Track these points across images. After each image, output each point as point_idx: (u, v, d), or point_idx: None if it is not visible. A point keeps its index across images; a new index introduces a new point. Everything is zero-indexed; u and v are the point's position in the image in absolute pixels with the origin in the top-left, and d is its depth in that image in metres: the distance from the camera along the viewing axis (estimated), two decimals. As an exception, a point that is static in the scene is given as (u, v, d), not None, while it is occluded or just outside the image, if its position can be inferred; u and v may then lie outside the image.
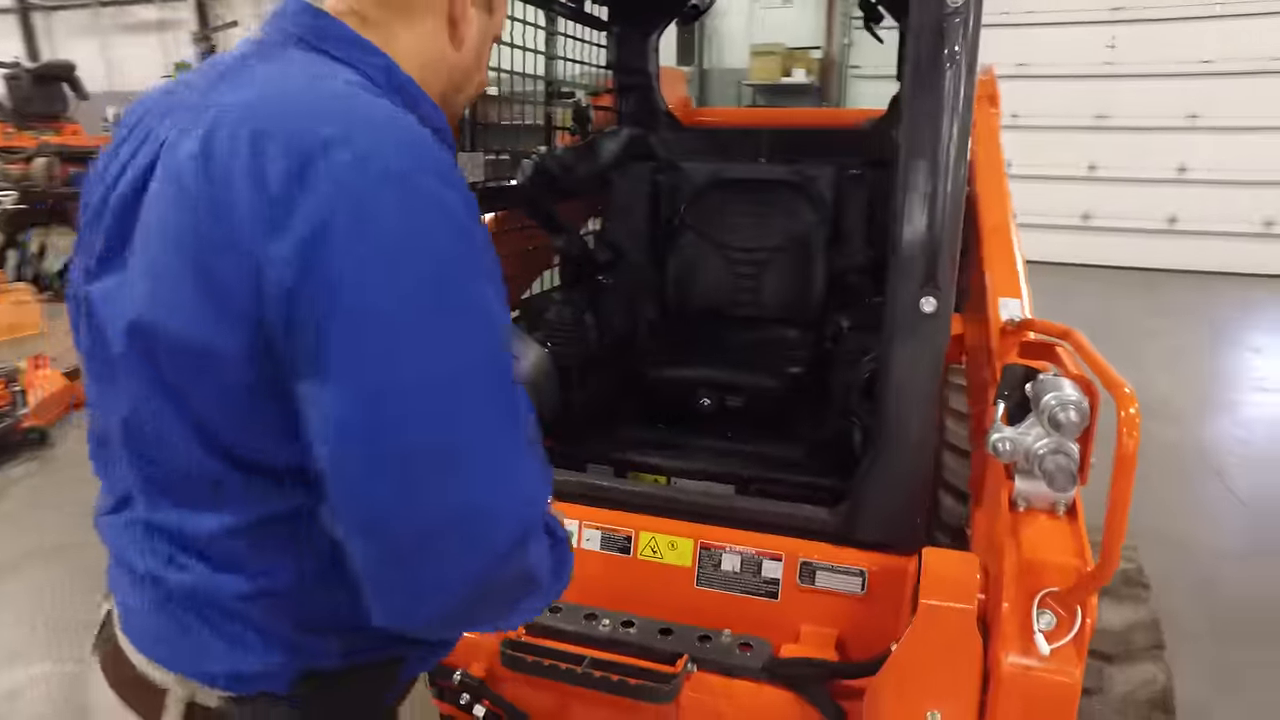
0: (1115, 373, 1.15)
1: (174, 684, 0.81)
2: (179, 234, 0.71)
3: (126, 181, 0.78)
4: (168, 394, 0.74)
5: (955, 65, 1.35)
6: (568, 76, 2.70)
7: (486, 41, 0.96)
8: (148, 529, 0.81)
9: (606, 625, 1.61)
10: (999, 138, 2.50)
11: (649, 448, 2.31)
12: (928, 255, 1.41)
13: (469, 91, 0.98)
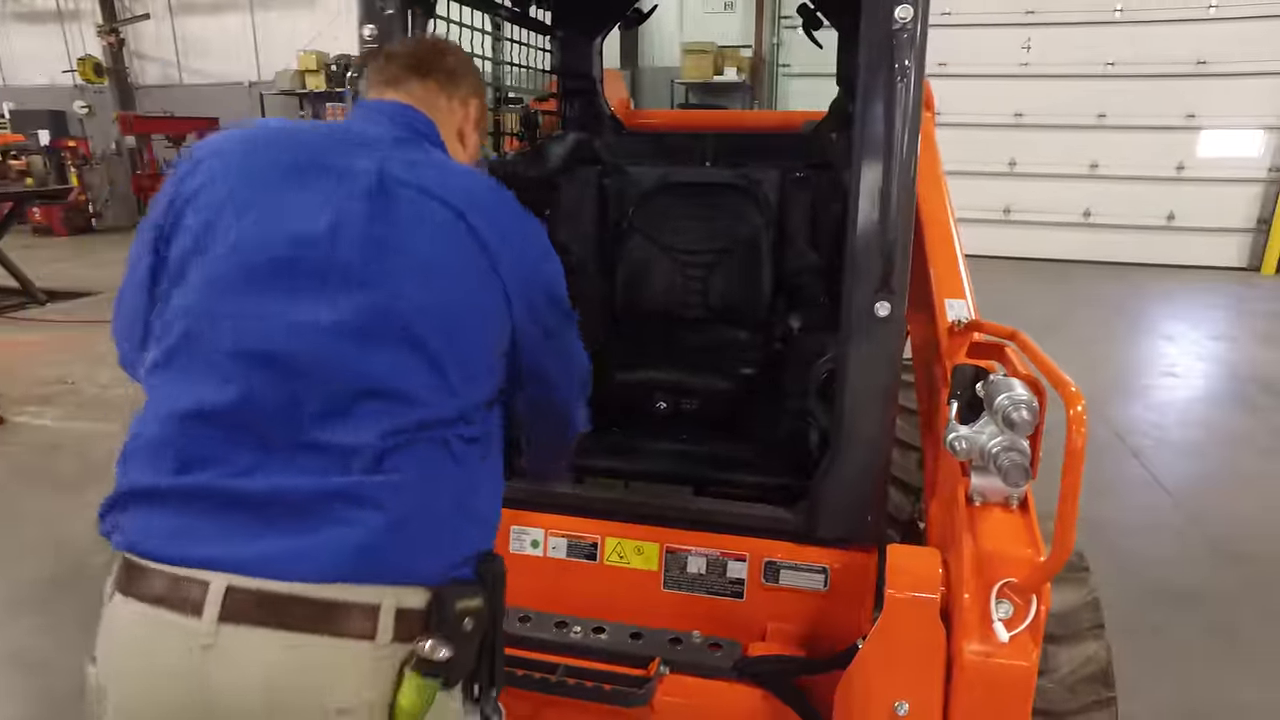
0: (1062, 372, 1.22)
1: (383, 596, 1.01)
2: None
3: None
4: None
5: (905, 79, 1.40)
6: (515, 82, 2.68)
7: (477, 150, 1.41)
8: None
9: (578, 632, 1.62)
10: (935, 139, 2.58)
11: (606, 452, 2.32)
12: (882, 261, 1.46)
13: None
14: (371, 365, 1.05)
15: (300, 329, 1.04)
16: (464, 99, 1.34)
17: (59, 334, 7.79)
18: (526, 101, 2.73)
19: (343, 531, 1.00)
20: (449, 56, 1.36)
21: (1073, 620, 1.66)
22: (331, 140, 1.17)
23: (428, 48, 1.37)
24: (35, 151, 9.51)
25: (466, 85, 1.35)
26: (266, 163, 1.13)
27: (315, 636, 0.98)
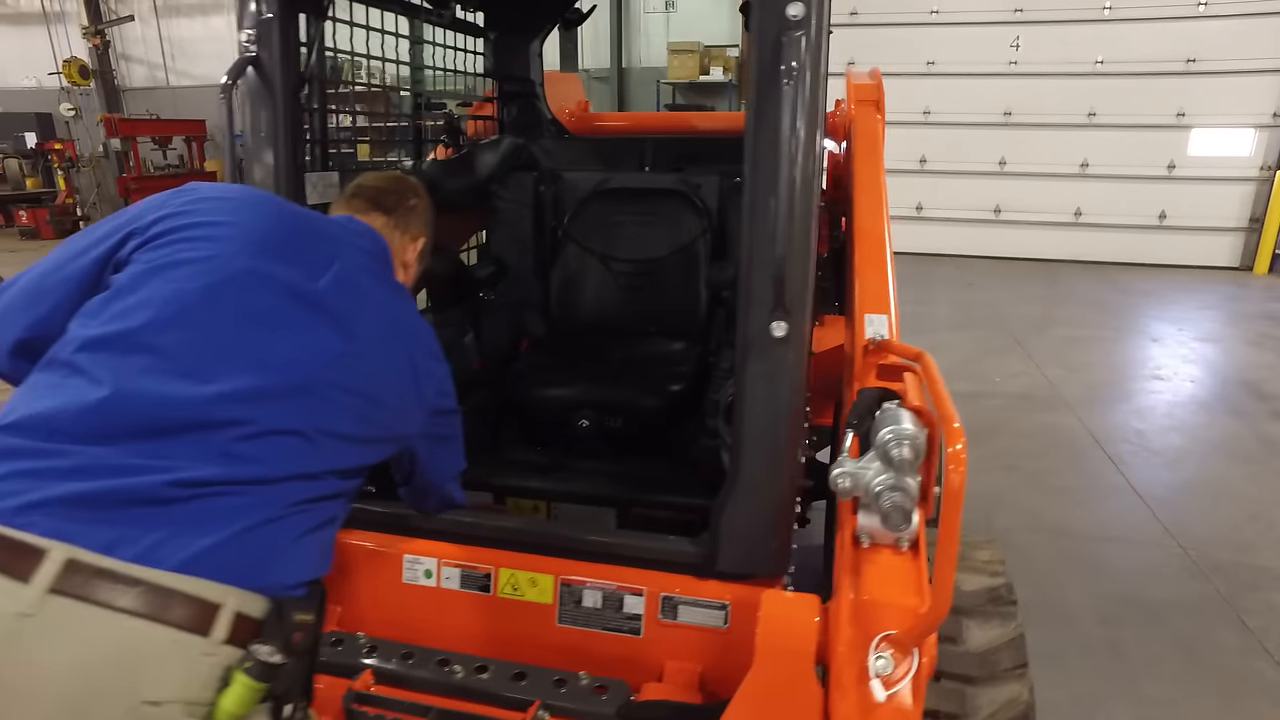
0: (950, 405, 1.11)
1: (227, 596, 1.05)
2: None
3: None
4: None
5: (795, 82, 1.30)
6: (438, 86, 2.57)
7: (414, 277, 1.62)
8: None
9: (459, 671, 1.52)
10: (881, 142, 2.48)
11: (529, 472, 2.23)
12: (776, 280, 1.35)
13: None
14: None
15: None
16: (414, 236, 1.57)
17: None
18: (449, 107, 2.62)
19: (204, 526, 1.05)
20: (411, 198, 1.58)
21: (994, 660, 1.55)
22: (317, 224, 1.39)
23: (394, 188, 1.57)
24: (13, 155, 9.42)
25: (418, 224, 1.58)
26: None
27: (147, 623, 0.99)
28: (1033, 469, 4.60)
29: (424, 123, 2.48)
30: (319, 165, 1.91)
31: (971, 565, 1.77)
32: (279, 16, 1.58)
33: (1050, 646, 3.03)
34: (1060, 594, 3.40)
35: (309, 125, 1.85)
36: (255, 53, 1.58)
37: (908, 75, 10.60)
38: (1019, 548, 3.76)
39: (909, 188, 10.95)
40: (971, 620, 1.63)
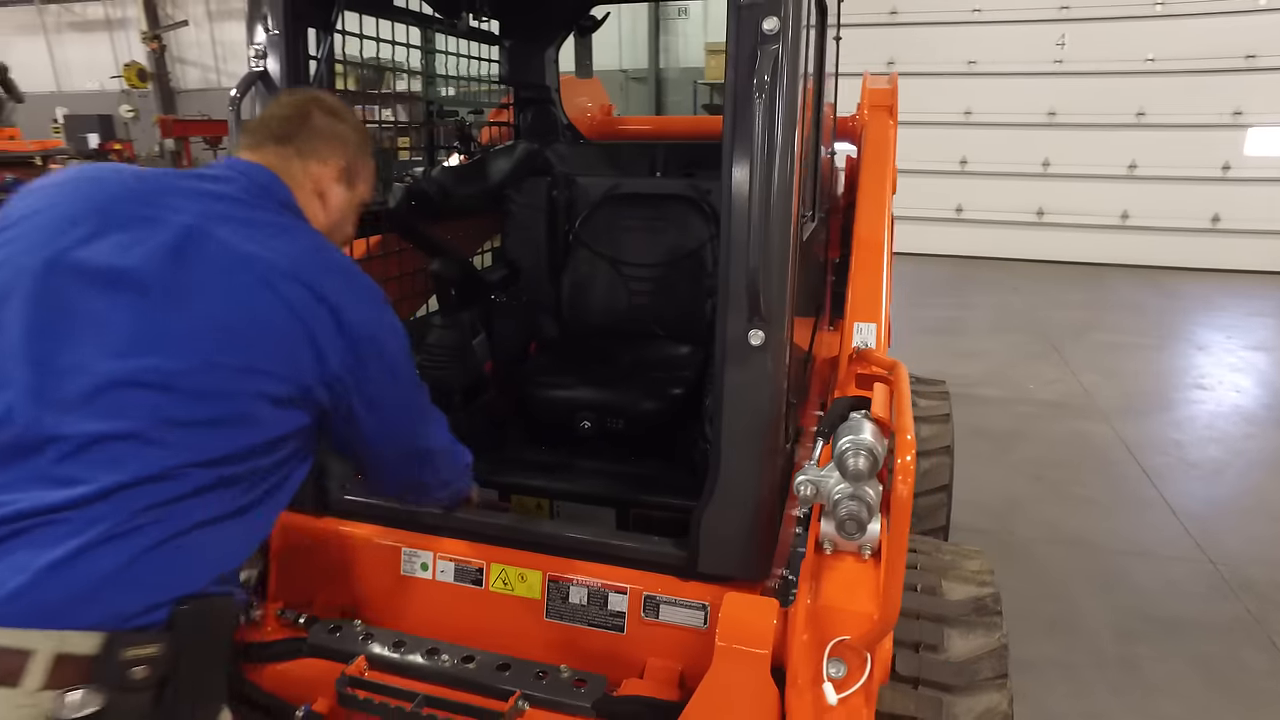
0: (908, 417, 1.13)
1: (40, 641, 0.96)
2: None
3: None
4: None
5: (768, 95, 1.32)
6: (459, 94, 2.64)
7: (351, 207, 1.49)
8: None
9: (447, 660, 1.58)
10: (891, 148, 2.48)
11: (532, 470, 2.28)
12: (751, 290, 1.38)
13: (337, 240, 1.45)
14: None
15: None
16: (324, 158, 1.39)
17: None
18: (462, 114, 2.69)
19: (14, 567, 0.97)
20: (315, 118, 1.40)
21: (973, 669, 1.56)
22: (157, 187, 1.21)
23: (290, 113, 1.40)
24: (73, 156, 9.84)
25: (328, 147, 1.40)
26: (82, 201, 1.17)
27: None
28: (1059, 478, 4.52)
29: (437, 129, 2.55)
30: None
31: (960, 575, 1.77)
32: (285, 33, 1.65)
33: (1062, 660, 3.00)
34: (1077, 607, 3.34)
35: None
36: (263, 68, 1.66)
37: (949, 75, 10.45)
38: (1037, 559, 3.71)
39: (949, 189, 10.79)
40: (955, 630, 1.63)
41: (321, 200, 1.40)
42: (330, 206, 1.42)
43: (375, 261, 2.29)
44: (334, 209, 1.43)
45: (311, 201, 1.38)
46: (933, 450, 2.75)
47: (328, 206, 1.42)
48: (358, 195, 1.49)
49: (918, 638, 1.60)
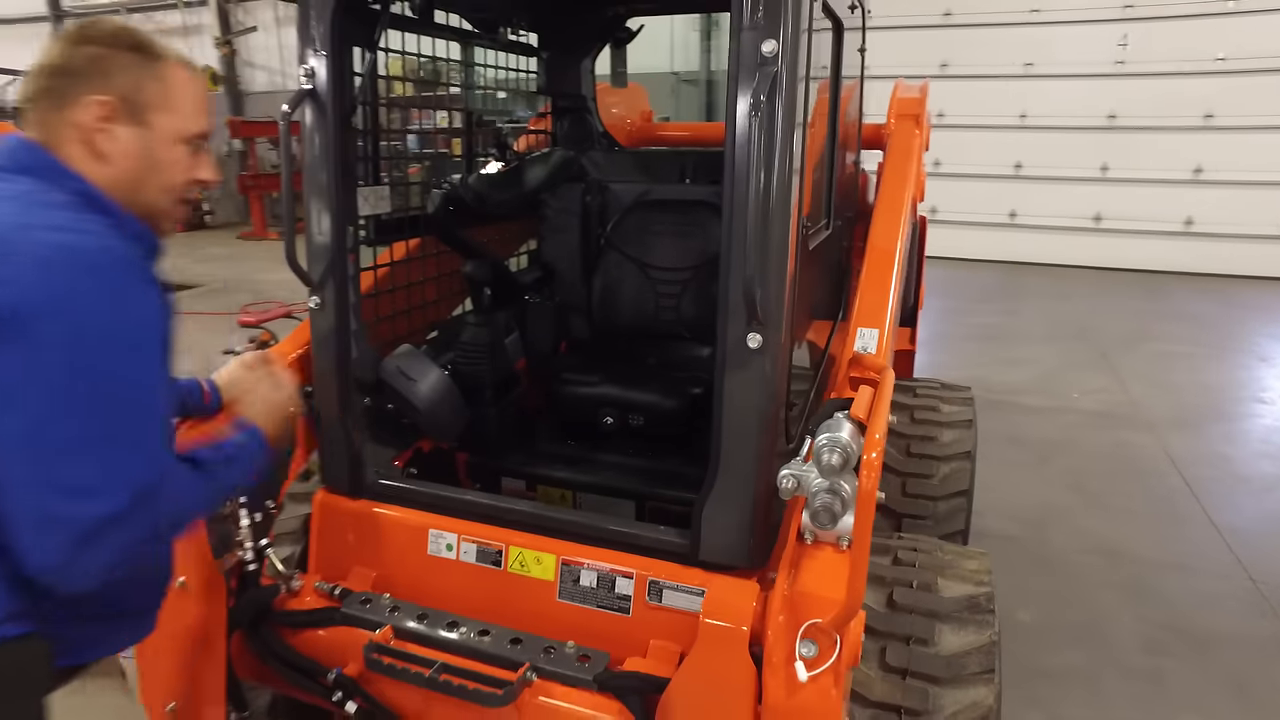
0: (882, 418, 1.22)
1: None
2: None
3: None
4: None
5: (763, 114, 1.41)
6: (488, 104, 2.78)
7: (160, 147, 1.24)
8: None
9: (464, 633, 1.71)
10: (914, 157, 2.54)
11: (559, 463, 2.40)
12: (749, 296, 1.47)
13: (153, 193, 1.26)
14: None
15: None
16: (77, 98, 1.17)
17: (157, 324, 8.47)
18: (498, 123, 2.83)
19: None
20: (68, 59, 1.20)
21: (960, 664, 1.62)
22: None
23: (38, 68, 1.21)
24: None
25: (86, 82, 1.18)
26: None
27: None
28: (1098, 489, 4.46)
29: (475, 138, 2.69)
30: (371, 180, 2.14)
31: (957, 573, 1.82)
32: (331, 54, 1.80)
33: (1085, 669, 3.00)
34: (1106, 617, 3.33)
35: (362, 145, 2.08)
36: (311, 86, 1.81)
37: (1004, 77, 10.28)
38: (1070, 568, 3.69)
39: (1002, 194, 10.62)
40: (946, 625, 1.69)
41: (93, 151, 1.19)
42: (111, 154, 1.20)
43: (415, 263, 2.44)
44: (119, 156, 1.21)
45: (83, 159, 1.19)
46: (953, 455, 2.78)
47: (107, 156, 1.20)
48: (161, 131, 1.23)
49: (909, 631, 1.67)
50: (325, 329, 1.98)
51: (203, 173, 1.33)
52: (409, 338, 2.27)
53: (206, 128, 1.33)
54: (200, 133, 1.31)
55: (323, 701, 1.77)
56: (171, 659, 1.71)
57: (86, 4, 17.22)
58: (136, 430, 1.10)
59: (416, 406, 2.11)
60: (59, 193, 1.15)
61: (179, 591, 1.69)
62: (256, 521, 1.86)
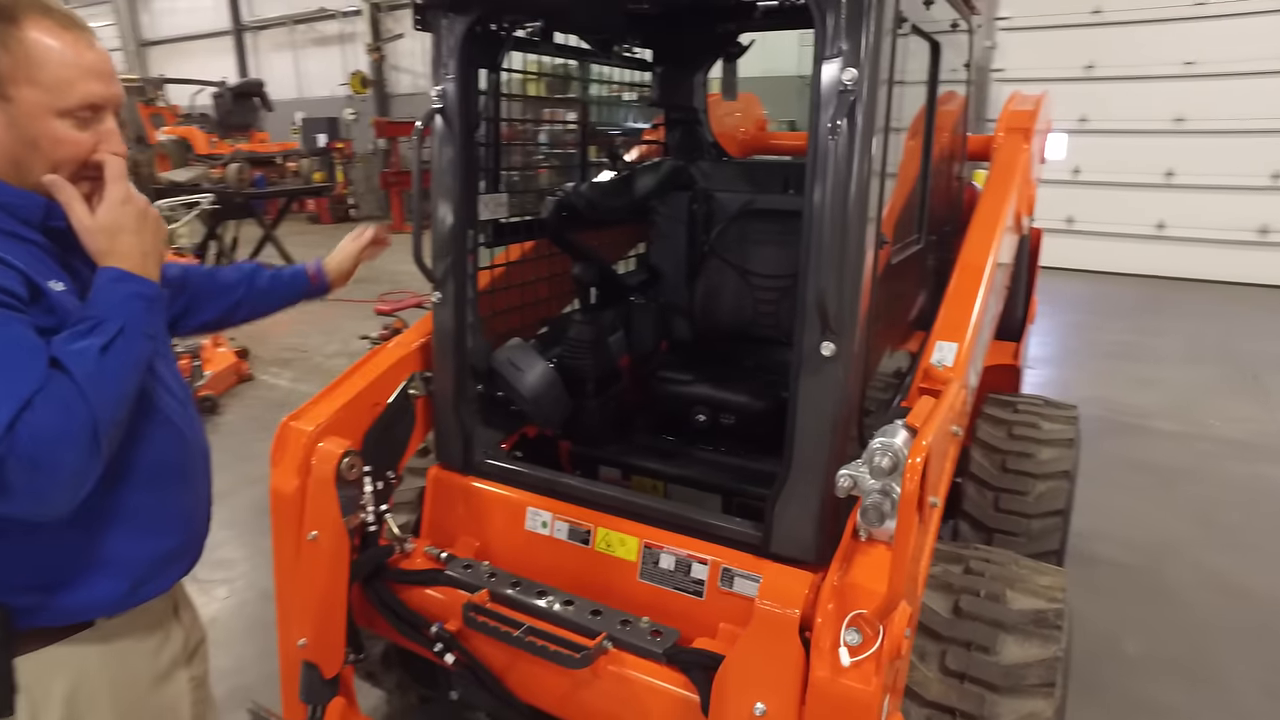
0: (931, 426, 1.29)
1: None
2: None
3: None
4: None
5: (841, 138, 1.51)
6: (611, 117, 2.96)
7: (32, 124, 1.16)
8: None
9: (551, 601, 1.89)
10: (1017, 171, 2.53)
11: (653, 455, 2.55)
12: (822, 307, 1.57)
13: (40, 171, 1.19)
14: None
15: None
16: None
17: (306, 308, 9.25)
18: (610, 133, 3.00)
19: None
20: None
21: (1019, 674, 1.66)
22: None
23: None
24: (304, 155, 11.36)
25: None
26: None
27: None
28: (1228, 523, 4.19)
29: (588, 148, 2.88)
30: (491, 188, 2.36)
31: (1028, 588, 1.84)
32: (458, 78, 2.03)
33: (1191, 709, 2.86)
34: (1221, 658, 3.15)
35: (484, 156, 2.30)
36: (441, 105, 2.04)
37: (1158, 78, 9.62)
38: (1185, 603, 3.51)
39: (1150, 203, 9.95)
40: (1010, 636, 1.72)
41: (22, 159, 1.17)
42: (33, 159, 1.18)
43: (529, 264, 2.66)
44: (36, 159, 1.19)
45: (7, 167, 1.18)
46: (1050, 474, 2.74)
47: (32, 162, 1.18)
48: (26, 106, 1.16)
49: (971, 638, 1.72)
50: (444, 321, 2.22)
51: (106, 145, 1.23)
52: (521, 332, 2.46)
53: (95, 97, 1.20)
54: (83, 103, 1.19)
55: (425, 651, 1.99)
56: (303, 601, 1.98)
57: (261, 18, 18.93)
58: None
59: (523, 395, 2.31)
60: None
61: (311, 544, 1.95)
62: (378, 489, 2.11)
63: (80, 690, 1.32)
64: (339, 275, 2.05)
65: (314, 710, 1.99)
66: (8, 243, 1.16)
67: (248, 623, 3.42)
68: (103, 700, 1.34)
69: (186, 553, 1.50)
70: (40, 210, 1.22)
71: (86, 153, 1.22)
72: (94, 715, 1.33)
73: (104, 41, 1.28)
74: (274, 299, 1.94)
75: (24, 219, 1.21)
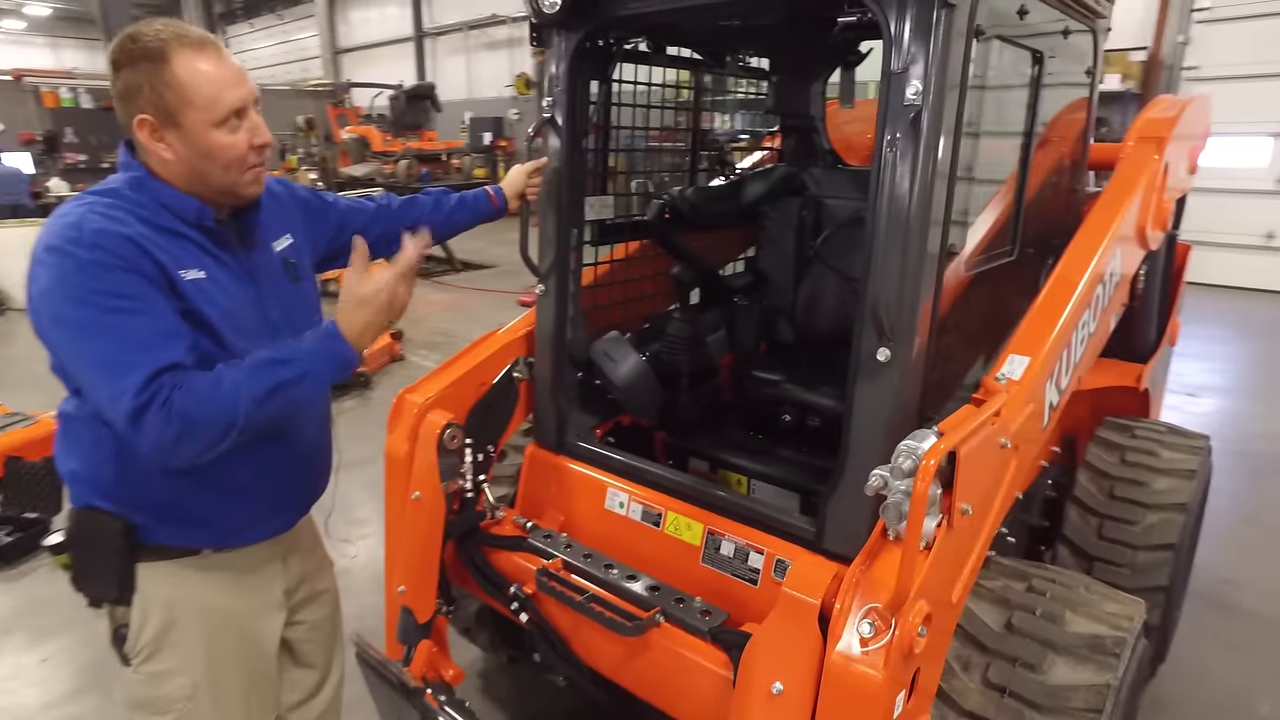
0: (956, 433, 1.34)
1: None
2: None
3: None
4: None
5: (902, 151, 1.55)
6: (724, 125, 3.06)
7: (200, 139, 1.42)
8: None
9: (616, 574, 2.05)
10: (1139, 184, 2.41)
11: (740, 451, 2.65)
12: (876, 315, 1.62)
13: (217, 174, 1.46)
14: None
15: None
16: (130, 121, 1.41)
17: (458, 296, 9.98)
18: (719, 140, 3.10)
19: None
20: (113, 90, 1.43)
21: (1064, 695, 1.63)
22: None
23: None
24: (467, 152, 12.16)
25: (127, 107, 1.41)
26: None
27: None
28: None
29: (699, 155, 2.99)
30: (598, 191, 2.54)
31: (1092, 613, 1.79)
32: (568, 89, 2.21)
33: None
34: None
35: (591, 161, 2.48)
36: (552, 115, 2.24)
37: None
38: None
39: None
40: (1061, 657, 1.69)
41: (158, 157, 1.45)
42: (169, 157, 1.45)
43: (633, 263, 2.82)
44: (175, 156, 1.45)
45: (150, 155, 1.46)
46: (1164, 505, 2.58)
47: (167, 160, 1.45)
48: (194, 125, 1.41)
49: (1018, 654, 1.71)
50: (547, 312, 2.42)
51: (256, 141, 1.48)
52: (624, 326, 2.63)
53: (236, 102, 1.43)
54: (230, 109, 1.43)
55: (503, 608, 2.21)
56: (404, 553, 2.24)
57: (440, 24, 20.35)
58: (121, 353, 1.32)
59: (615, 384, 2.47)
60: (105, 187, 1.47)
61: (414, 503, 2.21)
62: (478, 460, 2.34)
63: (179, 603, 1.60)
64: (513, 196, 2.33)
65: (408, 649, 2.25)
66: (162, 237, 1.43)
67: (374, 575, 3.80)
68: (193, 617, 1.62)
69: (284, 510, 1.75)
70: (195, 211, 1.49)
71: (245, 150, 1.48)
72: (185, 626, 1.61)
73: (305, 50, 1.56)
74: (462, 215, 2.27)
75: (182, 218, 1.48)
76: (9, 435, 4.89)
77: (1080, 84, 2.46)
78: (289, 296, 1.68)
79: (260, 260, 1.63)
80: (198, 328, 1.42)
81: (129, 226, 1.37)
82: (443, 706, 2.04)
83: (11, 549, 4.03)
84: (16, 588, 3.84)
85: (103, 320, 1.31)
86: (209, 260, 1.49)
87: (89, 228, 1.34)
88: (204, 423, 1.33)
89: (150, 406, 1.29)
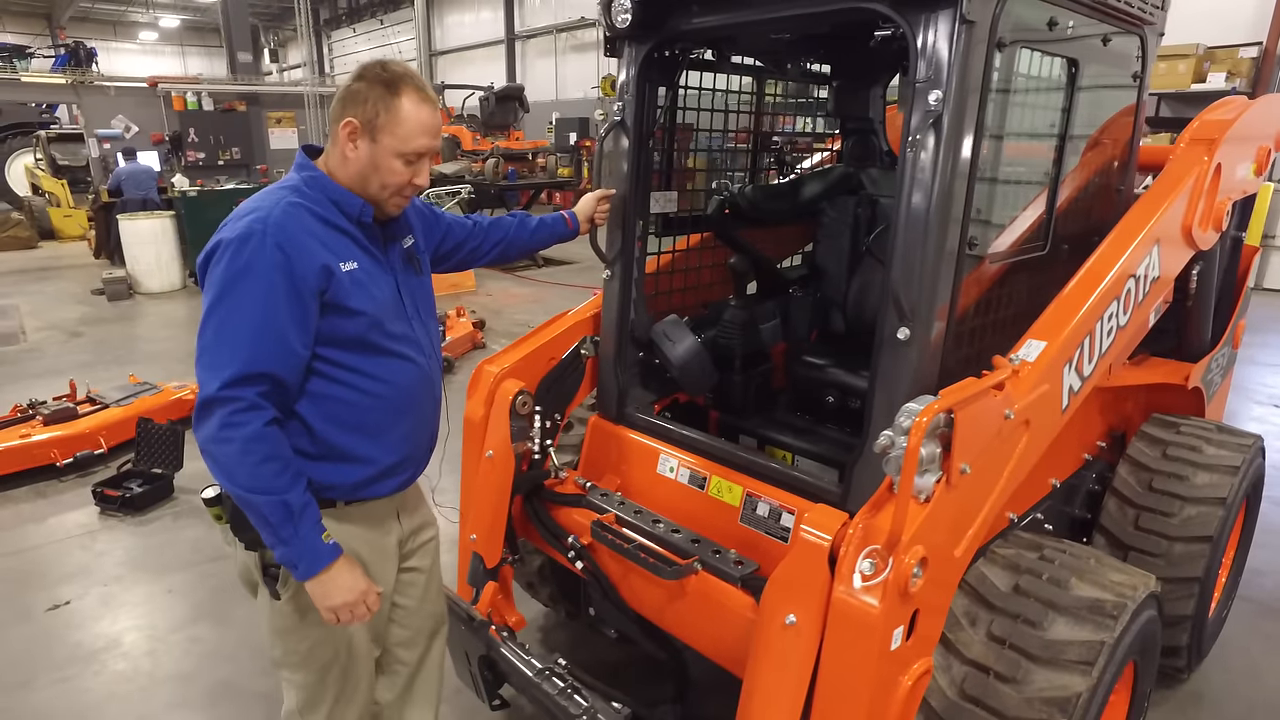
0: (949, 400, 1.53)
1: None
2: None
3: None
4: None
5: (921, 153, 1.73)
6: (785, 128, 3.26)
7: (381, 158, 1.68)
8: None
9: (661, 527, 2.29)
10: (1184, 185, 2.49)
11: (785, 429, 2.85)
12: (897, 296, 1.81)
13: (374, 187, 1.71)
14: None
15: None
16: (341, 117, 1.68)
17: (539, 289, 10.40)
18: (780, 144, 3.29)
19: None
20: (343, 90, 1.69)
21: (1060, 649, 1.78)
22: None
23: (335, 97, 1.72)
24: (552, 152, 12.59)
25: (347, 108, 1.67)
26: None
27: None
28: None
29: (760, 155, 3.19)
30: (663, 186, 2.78)
31: (1097, 581, 1.92)
32: (635, 93, 2.46)
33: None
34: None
35: (658, 159, 2.72)
36: (621, 117, 2.50)
37: None
38: None
39: None
40: (1062, 616, 1.84)
41: (342, 155, 1.69)
42: (351, 159, 1.68)
43: (694, 253, 3.05)
44: (355, 160, 1.68)
45: (334, 152, 1.70)
46: (1203, 499, 2.64)
47: (349, 160, 1.68)
48: (384, 147, 1.66)
49: (1021, 611, 1.86)
50: (612, 296, 2.68)
51: (417, 180, 1.75)
52: (684, 311, 2.86)
53: (422, 148, 1.71)
54: (415, 151, 1.70)
55: (561, 557, 2.48)
56: (477, 505, 2.54)
57: (530, 27, 20.98)
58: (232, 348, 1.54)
59: (672, 363, 2.71)
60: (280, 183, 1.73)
61: (488, 461, 2.50)
62: (546, 427, 2.62)
63: None
64: (584, 219, 2.61)
65: (476, 591, 2.55)
66: (327, 231, 1.67)
67: (451, 539, 4.15)
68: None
69: (403, 469, 1.89)
70: (358, 208, 1.72)
71: (405, 182, 1.75)
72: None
73: (403, 53, 1.89)
74: (542, 234, 2.56)
75: (345, 212, 1.71)
76: (140, 401, 5.51)
77: (1126, 87, 2.55)
78: (416, 287, 1.91)
79: (395, 256, 1.86)
80: (351, 316, 1.65)
81: (305, 222, 1.63)
82: (504, 640, 2.33)
83: (142, 499, 4.57)
84: (145, 531, 4.37)
85: (234, 312, 1.55)
86: (361, 254, 1.72)
87: (273, 221, 1.59)
88: (224, 462, 1.55)
89: (225, 407, 1.52)
